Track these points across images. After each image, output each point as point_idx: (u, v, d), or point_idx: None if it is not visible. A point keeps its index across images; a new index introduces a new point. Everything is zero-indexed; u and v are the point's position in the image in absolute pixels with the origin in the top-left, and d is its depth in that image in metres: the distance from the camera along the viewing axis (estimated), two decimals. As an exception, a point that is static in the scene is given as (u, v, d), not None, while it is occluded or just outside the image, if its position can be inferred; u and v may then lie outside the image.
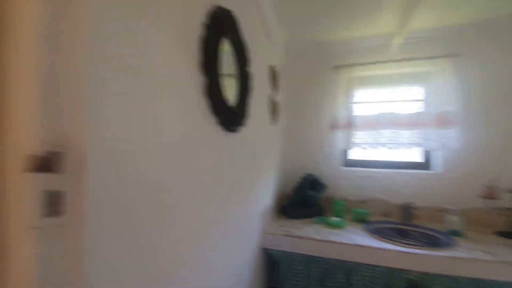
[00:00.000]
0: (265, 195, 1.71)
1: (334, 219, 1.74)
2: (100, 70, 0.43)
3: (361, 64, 2.03)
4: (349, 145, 2.05)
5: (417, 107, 2.00)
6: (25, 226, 0.31)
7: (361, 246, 1.41)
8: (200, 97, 0.83)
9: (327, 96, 2.17)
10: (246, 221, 1.32)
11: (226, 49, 0.99)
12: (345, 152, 2.21)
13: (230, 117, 1.01)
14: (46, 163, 0.32)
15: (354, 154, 2.21)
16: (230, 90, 1.02)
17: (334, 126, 2.09)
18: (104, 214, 0.44)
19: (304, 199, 1.97)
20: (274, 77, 1.80)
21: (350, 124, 2.04)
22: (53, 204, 0.33)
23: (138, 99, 0.54)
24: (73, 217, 0.36)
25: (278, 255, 1.56)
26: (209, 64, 0.85)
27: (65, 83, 0.36)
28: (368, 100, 2.11)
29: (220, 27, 0.92)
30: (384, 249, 1.37)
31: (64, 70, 0.36)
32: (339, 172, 2.14)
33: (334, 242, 1.46)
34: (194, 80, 0.80)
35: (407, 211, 1.85)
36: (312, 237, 1.50)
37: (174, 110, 0.69)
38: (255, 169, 1.46)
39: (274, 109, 1.83)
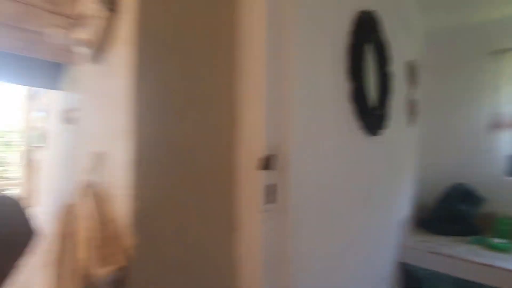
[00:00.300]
0: (402, 204, 1.56)
1: (498, 240, 1.40)
2: (299, 95, 0.56)
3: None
4: (521, 149, 1.59)
5: None
6: (254, 209, 0.44)
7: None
8: (345, 103, 0.86)
9: (483, 89, 1.76)
10: (383, 231, 1.25)
11: (368, 50, 0.98)
12: (513, 159, 1.73)
13: (373, 120, 0.99)
14: (267, 163, 0.44)
15: (529, 161, 1.69)
16: (371, 93, 1.00)
17: (496, 125, 1.68)
18: (301, 203, 0.56)
19: (451, 213, 1.66)
20: (412, 73, 1.62)
21: (523, 122, 1.58)
22: (271, 193, 0.45)
23: (314, 113, 0.67)
24: (282, 204, 0.47)
25: (421, 273, 1.39)
26: (355, 69, 0.87)
27: (280, 105, 0.49)
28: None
29: (364, 30, 0.92)
30: None
31: (280, 96, 0.49)
32: (503, 183, 1.69)
33: (501, 268, 1.17)
34: (342, 87, 0.84)
35: None
36: (469, 259, 1.26)
37: (330, 118, 0.76)
38: (392, 175, 1.36)
39: (411, 109, 1.64)
